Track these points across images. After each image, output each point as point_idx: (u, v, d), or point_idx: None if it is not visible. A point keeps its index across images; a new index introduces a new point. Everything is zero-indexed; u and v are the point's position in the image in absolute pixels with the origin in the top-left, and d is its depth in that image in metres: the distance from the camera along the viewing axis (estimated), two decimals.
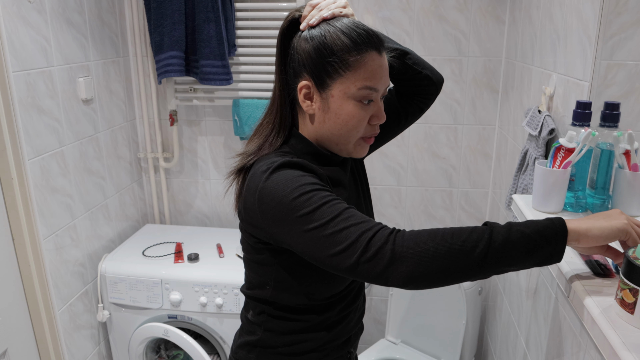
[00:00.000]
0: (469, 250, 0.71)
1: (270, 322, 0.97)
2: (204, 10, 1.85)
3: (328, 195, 0.79)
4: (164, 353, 2.06)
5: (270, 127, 0.93)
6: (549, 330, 1.26)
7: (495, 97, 2.02)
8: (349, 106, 0.87)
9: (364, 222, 0.76)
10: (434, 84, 1.10)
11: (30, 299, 1.60)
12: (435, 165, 2.11)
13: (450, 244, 0.72)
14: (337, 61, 0.85)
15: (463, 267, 0.72)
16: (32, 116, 1.54)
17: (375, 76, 0.87)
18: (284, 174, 0.82)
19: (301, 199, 0.78)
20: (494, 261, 0.71)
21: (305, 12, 0.89)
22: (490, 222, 0.76)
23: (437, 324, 2.00)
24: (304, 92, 0.89)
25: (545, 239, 0.72)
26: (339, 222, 0.76)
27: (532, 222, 0.74)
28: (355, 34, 0.85)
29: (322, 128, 0.91)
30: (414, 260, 0.71)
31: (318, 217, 0.76)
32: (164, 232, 2.14)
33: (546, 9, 1.46)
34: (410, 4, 1.95)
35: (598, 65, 1.09)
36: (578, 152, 0.97)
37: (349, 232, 0.75)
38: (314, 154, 0.92)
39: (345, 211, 0.77)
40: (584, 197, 1.04)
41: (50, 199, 1.63)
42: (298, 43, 0.88)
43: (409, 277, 0.72)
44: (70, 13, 1.71)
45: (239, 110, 2.03)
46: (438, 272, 0.72)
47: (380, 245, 0.73)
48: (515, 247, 0.71)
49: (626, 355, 0.63)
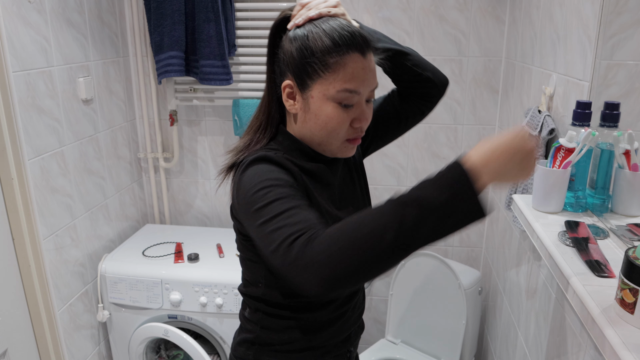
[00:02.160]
0: (378, 240, 0.65)
1: (265, 319, 0.98)
2: (204, 10, 1.85)
3: (284, 192, 0.77)
4: (164, 353, 2.06)
5: (258, 124, 0.95)
6: (549, 330, 1.26)
7: (495, 97, 2.02)
8: (328, 108, 0.86)
9: (299, 222, 0.71)
10: (436, 87, 1.07)
11: (30, 299, 1.60)
12: (435, 165, 2.11)
13: (359, 237, 0.65)
14: (316, 62, 0.84)
15: (376, 258, 0.65)
16: (32, 116, 1.54)
17: (356, 79, 0.85)
18: (256, 168, 0.83)
19: (260, 193, 0.78)
20: (409, 243, 0.65)
21: (295, 12, 0.89)
22: (395, 196, 0.68)
23: (437, 324, 2.00)
24: (287, 92, 0.89)
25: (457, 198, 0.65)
26: (279, 220, 0.73)
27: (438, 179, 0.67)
28: (337, 35, 0.84)
29: (304, 128, 0.91)
30: (325, 265, 0.65)
31: (266, 213, 0.75)
32: (164, 232, 2.14)
33: (546, 9, 1.46)
34: (410, 4, 1.95)
35: (598, 65, 1.09)
36: (578, 152, 0.97)
37: (282, 232, 0.71)
38: (301, 150, 0.92)
39: (291, 209, 0.74)
40: (584, 197, 1.04)
41: (50, 199, 1.63)
42: (284, 42, 0.88)
43: (323, 283, 0.66)
44: (70, 13, 1.71)
45: (239, 110, 2.03)
46: (353, 271, 0.65)
47: (298, 250, 0.67)
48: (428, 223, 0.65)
49: (626, 355, 0.63)
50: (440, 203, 0.65)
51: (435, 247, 2.23)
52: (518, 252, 1.65)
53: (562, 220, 1.00)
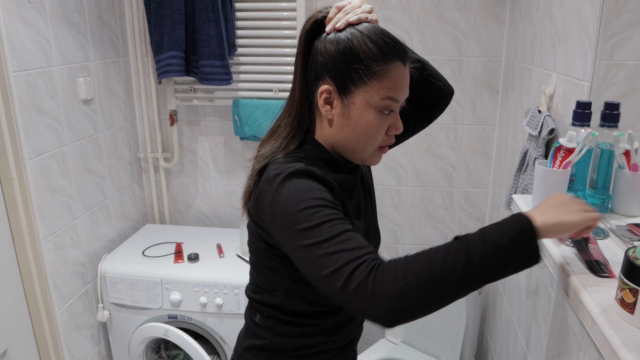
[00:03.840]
0: (449, 273, 0.68)
1: (279, 326, 0.96)
2: (204, 10, 1.85)
3: (333, 214, 0.77)
4: (164, 353, 2.06)
5: (288, 130, 0.91)
6: (549, 330, 1.26)
7: (495, 97, 2.02)
8: (370, 115, 0.85)
9: (356, 248, 0.72)
10: (445, 96, 1.09)
11: (30, 299, 1.60)
12: (435, 165, 2.11)
13: (429, 271, 0.68)
14: (362, 68, 0.83)
15: (446, 292, 0.69)
16: (32, 116, 1.54)
17: (398, 87, 0.85)
18: (297, 183, 0.80)
19: (305, 213, 0.76)
20: (475, 278, 0.69)
21: (331, 14, 0.87)
22: (460, 236, 0.73)
23: (437, 324, 2.00)
24: (324, 97, 0.87)
25: (519, 244, 0.70)
26: (332, 244, 0.73)
27: (502, 226, 0.72)
28: (383, 42, 0.83)
29: (339, 134, 0.89)
30: (395, 298, 0.67)
31: (316, 235, 0.74)
32: (164, 232, 2.14)
33: (546, 9, 1.46)
34: (410, 4, 1.95)
35: (598, 65, 1.09)
36: (578, 152, 0.97)
37: (339, 257, 0.71)
38: (327, 160, 0.91)
39: (343, 233, 0.74)
40: (584, 197, 1.04)
41: (50, 199, 1.63)
42: (322, 45, 0.86)
43: (393, 315, 0.68)
44: (70, 13, 1.71)
45: (239, 110, 2.03)
46: (423, 304, 0.69)
47: (362, 279, 0.69)
48: (493, 260, 0.70)
49: (626, 355, 0.63)
50: (502, 244, 0.70)
51: None
52: None
53: None
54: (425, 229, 2.21)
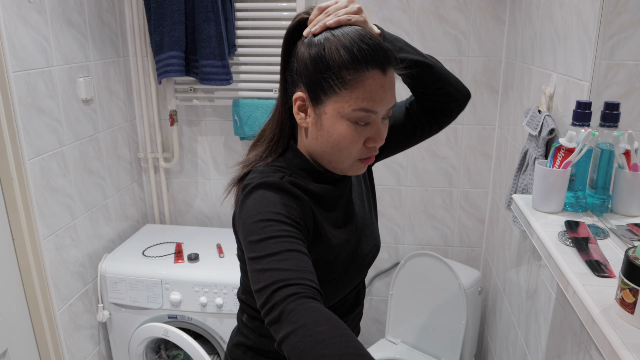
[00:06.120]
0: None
1: (263, 328, 0.96)
2: (203, 10, 1.85)
3: (284, 230, 0.74)
4: (164, 353, 2.06)
5: (271, 136, 0.89)
6: (549, 330, 1.26)
7: (495, 97, 2.02)
8: (342, 126, 0.80)
9: (290, 270, 0.69)
10: (456, 101, 1.00)
11: (30, 299, 1.60)
12: (435, 165, 2.11)
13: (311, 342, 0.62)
14: (332, 77, 0.77)
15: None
16: (32, 116, 1.54)
17: (374, 97, 0.78)
18: (262, 195, 0.79)
19: (258, 225, 0.75)
20: None
21: (312, 16, 0.82)
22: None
23: (437, 324, 2.00)
24: (299, 104, 0.83)
25: None
26: (270, 261, 0.71)
27: None
28: (357, 48, 0.77)
29: (314, 144, 0.85)
30: (288, 330, 0.64)
31: (260, 249, 0.73)
32: (164, 232, 2.14)
33: (546, 9, 1.46)
34: (410, 4, 1.95)
35: (598, 65, 1.09)
36: (578, 152, 0.97)
37: (270, 275, 0.69)
38: (309, 170, 0.88)
39: (285, 252, 0.71)
40: (584, 197, 1.04)
41: (50, 199, 1.63)
42: (299, 50, 0.81)
43: (282, 345, 0.65)
44: (70, 13, 1.71)
45: (239, 110, 2.03)
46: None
47: (276, 302, 0.67)
48: None
49: (626, 355, 0.63)
50: None
51: (435, 247, 2.23)
52: (518, 252, 1.65)
53: (562, 220, 1.00)
54: (425, 229, 2.21)
